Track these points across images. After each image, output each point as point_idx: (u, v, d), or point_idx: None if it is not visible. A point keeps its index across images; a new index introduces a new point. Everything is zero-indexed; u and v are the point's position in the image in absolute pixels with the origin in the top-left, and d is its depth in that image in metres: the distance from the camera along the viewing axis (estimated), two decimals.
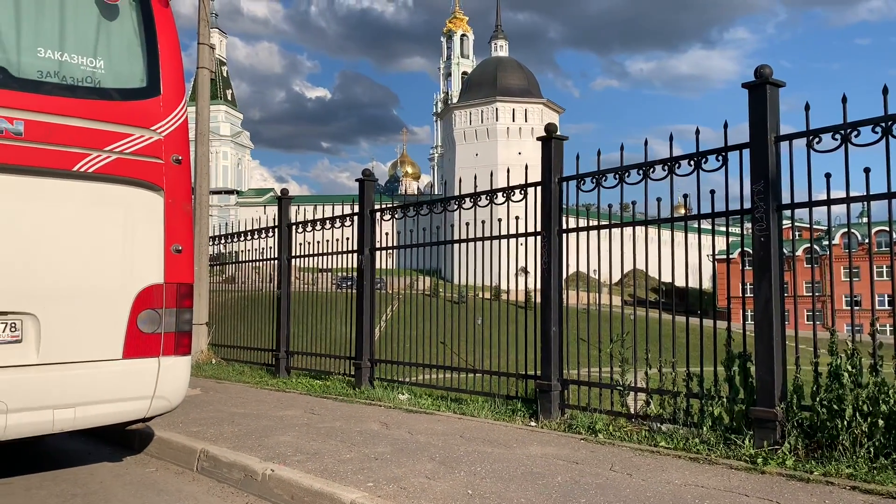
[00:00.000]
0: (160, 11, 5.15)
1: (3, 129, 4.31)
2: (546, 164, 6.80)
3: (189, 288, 5.13)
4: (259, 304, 11.52)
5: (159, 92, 5.02)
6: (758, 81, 5.12)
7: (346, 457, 5.06)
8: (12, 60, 4.50)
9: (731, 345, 5.41)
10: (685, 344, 5.68)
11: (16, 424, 4.28)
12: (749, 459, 4.71)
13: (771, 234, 5.03)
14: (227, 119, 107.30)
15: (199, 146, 11.66)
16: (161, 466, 5.44)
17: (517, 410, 6.76)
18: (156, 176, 4.92)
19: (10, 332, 4.33)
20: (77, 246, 4.61)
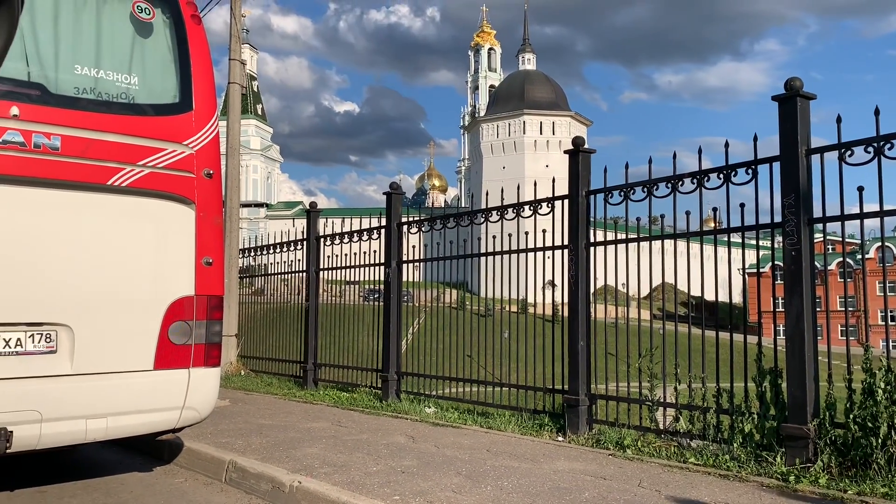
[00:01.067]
0: (193, 28, 5.25)
1: (40, 144, 4.42)
2: (573, 177, 6.78)
3: (219, 300, 5.19)
4: (287, 316, 11.62)
5: (191, 107, 5.11)
6: (788, 94, 5.07)
7: (373, 469, 5.07)
8: (50, 77, 4.62)
9: (761, 360, 5.34)
10: (715, 359, 5.62)
11: (50, 434, 4.36)
12: (781, 477, 4.63)
13: (802, 248, 4.97)
14: (257, 133, 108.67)
15: (230, 160, 11.83)
16: (190, 477, 5.49)
17: (544, 425, 6.72)
18: (188, 190, 5.00)
19: (45, 343, 4.42)
20: (111, 258, 4.69)
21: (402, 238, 9.10)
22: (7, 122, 4.30)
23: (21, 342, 4.33)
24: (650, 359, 6.07)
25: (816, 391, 4.92)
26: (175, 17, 5.20)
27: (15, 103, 4.34)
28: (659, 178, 6.09)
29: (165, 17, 5.18)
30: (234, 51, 12.07)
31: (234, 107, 12.05)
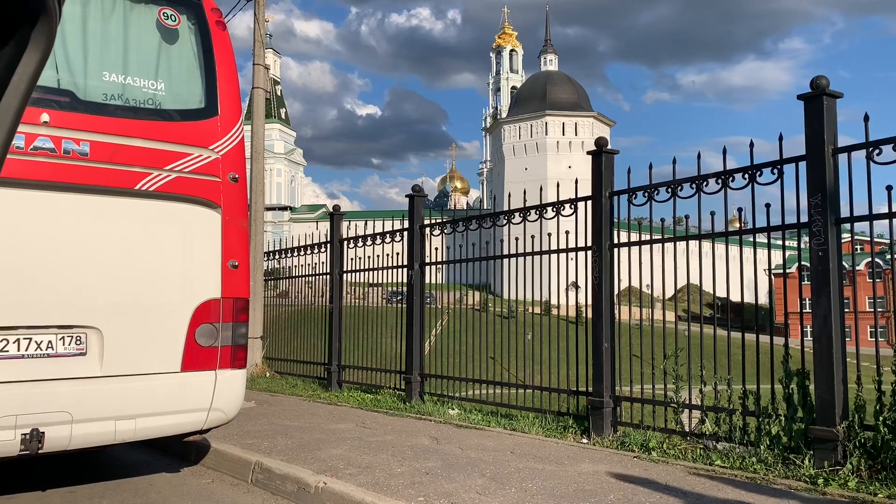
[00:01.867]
0: (218, 34, 5.32)
1: (70, 150, 4.50)
2: (596, 178, 6.76)
3: (245, 302, 5.24)
4: (311, 318, 11.70)
5: (217, 112, 5.17)
6: (814, 93, 5.02)
7: (398, 471, 5.09)
8: (79, 84, 4.70)
9: (788, 362, 5.28)
10: (741, 361, 5.56)
11: (81, 435, 4.43)
12: (809, 480, 4.58)
13: (829, 248, 4.91)
14: (280, 137, 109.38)
15: (255, 164, 11.93)
16: (217, 478, 5.55)
17: (568, 427, 6.70)
18: (214, 193, 5.06)
19: (75, 346, 4.50)
20: (138, 262, 4.76)
21: (424, 240, 9.13)
22: (38, 129, 4.38)
23: (52, 345, 4.41)
24: (675, 360, 6.03)
25: (845, 393, 4.86)
26: (200, 24, 5.27)
27: (45, 110, 4.42)
28: (683, 179, 6.05)
29: (191, 23, 5.25)
30: (258, 56, 12.18)
31: (258, 111, 12.15)
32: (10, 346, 4.28)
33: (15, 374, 4.26)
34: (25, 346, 4.33)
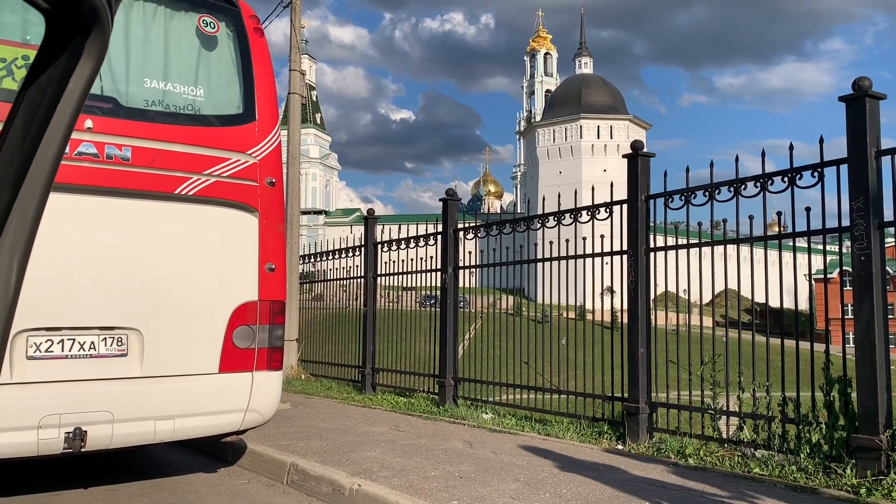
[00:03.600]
0: (255, 41, 5.40)
1: (112, 155, 4.60)
2: (632, 181, 6.71)
3: (281, 305, 5.30)
4: (346, 321, 11.78)
5: (255, 118, 5.25)
6: (856, 94, 4.92)
7: (431, 474, 5.10)
8: (121, 91, 4.81)
9: (829, 368, 5.18)
10: (780, 367, 5.47)
11: (121, 434, 4.52)
12: (851, 490, 4.48)
13: (872, 253, 4.81)
14: (316, 142, 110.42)
15: (291, 168, 12.07)
16: (253, 479, 5.62)
17: (603, 433, 6.65)
18: (251, 198, 5.13)
19: (116, 347, 4.59)
20: (178, 264, 4.85)
21: (458, 244, 9.14)
22: (81, 135, 4.49)
23: (94, 345, 4.51)
24: (713, 367, 5.95)
25: (889, 401, 4.74)
26: (238, 31, 5.35)
27: (89, 116, 4.53)
28: (721, 182, 5.97)
29: (229, 30, 5.33)
30: (294, 62, 12.32)
31: (294, 116, 12.29)
32: (55, 346, 4.39)
33: (59, 374, 4.37)
34: (69, 346, 4.43)
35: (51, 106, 0.77)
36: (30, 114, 0.77)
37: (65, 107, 0.77)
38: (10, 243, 0.76)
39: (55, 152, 0.79)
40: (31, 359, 4.30)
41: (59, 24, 0.77)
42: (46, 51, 0.78)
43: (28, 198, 0.76)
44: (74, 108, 0.79)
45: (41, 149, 0.77)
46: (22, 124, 0.77)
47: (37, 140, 0.77)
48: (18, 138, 0.77)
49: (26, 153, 0.77)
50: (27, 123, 0.77)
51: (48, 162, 0.78)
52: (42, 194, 0.79)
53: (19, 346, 4.25)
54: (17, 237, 0.76)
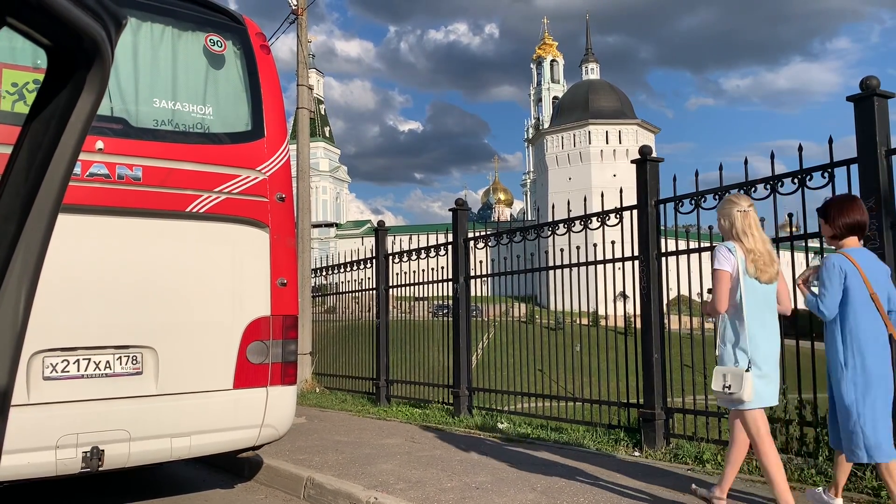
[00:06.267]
0: (262, 58, 5.44)
1: (123, 175, 4.64)
2: (641, 186, 6.69)
3: (294, 319, 5.32)
4: (359, 333, 11.79)
5: (263, 134, 5.28)
6: (864, 93, 4.90)
7: (448, 485, 5.08)
8: (131, 111, 4.86)
9: None
10: (796, 369, 5.43)
11: (138, 452, 4.54)
12: (872, 492, 4.44)
13: (885, 253, 4.77)
14: (325, 155, 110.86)
15: (301, 183, 12.13)
16: (270, 494, 5.62)
17: (620, 440, 6.61)
18: (262, 214, 5.16)
19: (131, 365, 4.62)
20: (191, 282, 4.88)
21: (469, 253, 9.14)
22: (92, 156, 4.53)
23: (110, 364, 4.54)
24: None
25: None
26: (245, 49, 5.40)
27: (100, 138, 4.57)
28: (731, 185, 5.95)
29: (236, 48, 5.38)
30: (302, 77, 12.40)
31: (303, 131, 12.37)
32: (71, 366, 4.42)
33: (75, 394, 4.40)
34: (85, 366, 4.46)
35: (54, 138, 0.79)
36: (34, 146, 0.78)
37: (68, 139, 0.79)
38: (17, 273, 0.77)
39: (60, 183, 0.80)
40: (48, 379, 4.33)
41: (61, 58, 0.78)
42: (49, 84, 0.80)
43: (34, 228, 0.78)
44: (77, 140, 0.81)
45: (46, 180, 0.79)
46: (26, 156, 0.78)
47: (41, 172, 0.79)
48: (23, 170, 0.78)
49: (31, 185, 0.78)
50: (31, 155, 0.78)
51: (53, 193, 0.80)
52: (48, 224, 0.80)
53: (36, 367, 4.29)
54: (24, 267, 0.78)
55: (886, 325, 3.94)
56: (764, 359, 4.00)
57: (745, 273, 4.05)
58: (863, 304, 3.93)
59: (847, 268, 3.98)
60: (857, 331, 3.92)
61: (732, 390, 3.94)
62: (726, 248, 4.13)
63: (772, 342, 4.08)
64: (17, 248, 0.76)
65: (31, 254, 0.78)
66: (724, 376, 4.01)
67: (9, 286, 0.75)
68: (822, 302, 4.01)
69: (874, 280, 3.97)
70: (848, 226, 4.11)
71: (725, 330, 4.12)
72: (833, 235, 4.19)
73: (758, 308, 4.05)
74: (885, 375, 3.90)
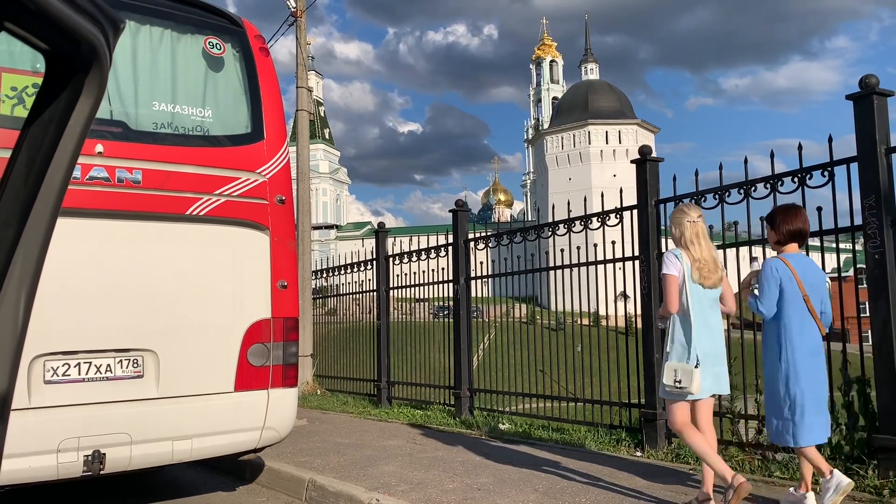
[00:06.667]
0: (261, 61, 5.44)
1: (123, 178, 4.64)
2: (641, 186, 6.70)
3: (295, 322, 5.32)
4: (360, 334, 11.79)
5: (263, 136, 5.28)
6: (863, 92, 4.90)
7: (449, 487, 5.08)
8: (130, 114, 4.86)
9: (847, 369, 5.13)
10: None
11: (139, 455, 4.54)
12: (874, 491, 4.43)
13: (886, 251, 4.77)
14: (325, 157, 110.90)
15: (301, 185, 12.14)
16: (272, 496, 5.62)
17: (621, 440, 6.60)
18: (262, 216, 5.16)
19: (132, 368, 4.62)
20: (191, 285, 4.88)
21: (469, 254, 9.14)
22: (92, 160, 4.53)
23: (111, 368, 4.54)
24: (730, 369, 5.90)
25: None
26: (244, 51, 5.40)
27: (99, 141, 4.57)
28: (731, 185, 5.95)
29: (235, 51, 5.38)
30: (301, 79, 12.41)
31: (302, 133, 12.37)
32: (72, 370, 4.42)
33: (76, 398, 4.40)
34: (86, 369, 4.46)
35: (53, 142, 0.79)
36: (32, 150, 0.78)
37: (66, 143, 0.79)
38: (17, 277, 0.77)
39: (59, 187, 0.80)
40: (49, 383, 4.33)
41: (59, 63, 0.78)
42: (47, 89, 0.80)
43: (33, 232, 0.78)
44: (76, 144, 0.81)
45: (45, 184, 0.79)
46: (25, 161, 0.78)
47: (40, 176, 0.79)
48: (22, 175, 0.78)
49: (30, 189, 0.78)
50: (30, 160, 0.78)
51: (52, 197, 0.80)
52: (47, 228, 0.80)
53: (36, 371, 4.28)
54: (23, 271, 0.77)
55: (818, 326, 4.30)
56: (705, 356, 4.31)
57: (690, 278, 4.39)
58: (795, 305, 4.27)
59: (782, 271, 4.32)
60: (790, 329, 4.26)
61: (683, 384, 4.25)
62: (673, 255, 4.48)
63: (714, 340, 4.41)
64: (16, 252, 0.76)
65: (30, 258, 0.78)
66: (675, 371, 4.30)
67: (8, 290, 0.75)
68: (761, 303, 4.36)
69: (808, 283, 4.30)
70: (790, 233, 4.45)
71: (675, 330, 4.42)
72: (777, 241, 4.52)
73: (702, 310, 4.39)
74: (813, 369, 4.24)
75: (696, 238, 4.46)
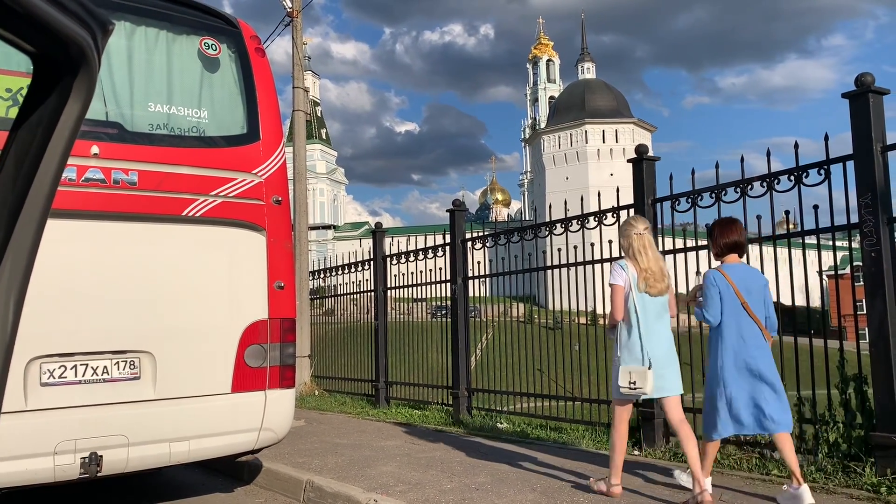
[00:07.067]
0: (257, 61, 5.43)
1: (119, 180, 4.63)
2: (638, 185, 6.70)
3: (292, 322, 5.31)
4: (358, 335, 11.78)
5: (259, 137, 5.27)
6: (859, 90, 4.91)
7: (447, 487, 5.08)
8: (126, 115, 4.85)
9: (844, 366, 5.14)
10: (794, 366, 5.43)
11: (137, 457, 4.53)
12: (871, 489, 4.44)
13: (882, 249, 4.78)
14: (322, 157, 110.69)
15: (297, 185, 12.12)
16: (270, 497, 5.61)
17: None
18: (258, 217, 5.15)
19: (129, 370, 4.61)
20: (188, 286, 4.87)
21: (466, 254, 9.14)
22: (88, 161, 4.52)
23: (107, 370, 4.53)
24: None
25: None
26: (240, 52, 5.39)
27: (95, 142, 4.56)
28: (727, 183, 5.96)
29: (231, 51, 5.37)
30: (297, 79, 12.39)
31: (299, 133, 12.36)
32: (68, 372, 4.41)
33: (73, 400, 4.39)
34: (82, 371, 4.45)
35: (41, 146, 0.78)
36: (20, 154, 0.78)
37: (55, 146, 0.78)
38: (6, 282, 0.76)
39: (48, 191, 0.80)
40: (46, 385, 4.32)
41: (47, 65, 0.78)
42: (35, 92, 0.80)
43: (22, 236, 0.77)
44: (65, 147, 0.80)
45: (34, 188, 0.78)
46: (13, 164, 0.78)
47: (29, 179, 0.78)
48: (10, 178, 0.78)
49: (19, 193, 0.78)
50: (18, 163, 0.78)
51: (41, 200, 0.79)
52: (36, 232, 0.80)
53: (33, 373, 4.27)
54: (12, 275, 0.77)
55: (760, 329, 4.52)
56: (655, 358, 4.57)
57: (636, 287, 4.65)
58: (733, 311, 4.54)
59: (720, 281, 4.59)
60: (728, 334, 4.53)
61: (638, 385, 4.53)
62: (619, 266, 4.77)
63: (661, 344, 4.66)
64: (5, 256, 0.76)
65: (19, 262, 0.77)
66: (630, 374, 4.57)
67: None
68: (707, 311, 4.62)
69: (746, 290, 4.56)
70: (727, 245, 4.74)
71: (625, 336, 4.69)
72: (716, 253, 4.83)
73: (649, 316, 4.65)
74: (748, 370, 4.46)
75: (643, 249, 4.72)
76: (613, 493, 4.61)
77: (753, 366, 4.45)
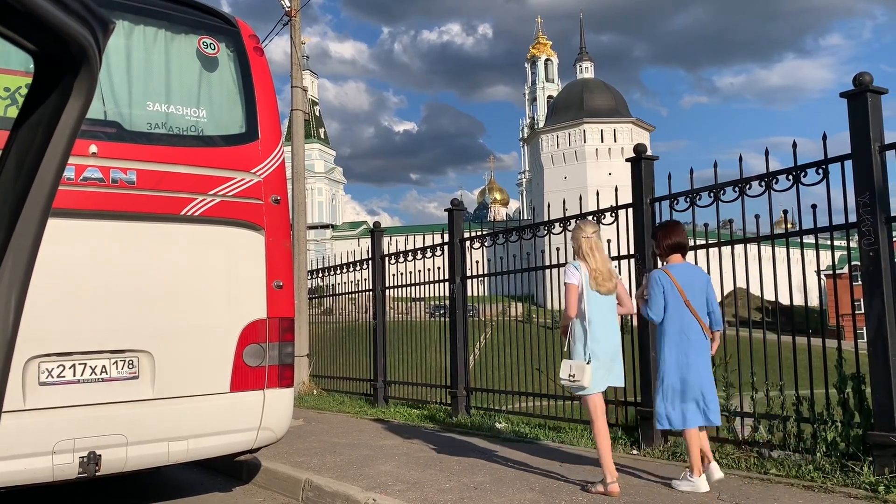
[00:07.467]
0: (256, 61, 5.43)
1: (118, 179, 4.63)
2: (636, 185, 6.70)
3: (290, 322, 5.31)
4: (356, 334, 11.78)
5: (257, 136, 5.27)
6: (857, 90, 4.91)
7: (446, 486, 5.08)
8: (125, 115, 4.84)
9: (842, 365, 5.15)
10: (793, 365, 5.44)
11: (135, 456, 4.53)
12: (869, 488, 4.44)
13: (881, 248, 4.78)
14: (320, 156, 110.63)
15: (296, 184, 12.11)
16: (268, 497, 5.61)
17: (618, 438, 6.60)
18: (257, 216, 5.15)
19: (128, 369, 4.61)
20: (186, 285, 4.86)
21: (465, 254, 9.14)
22: (86, 160, 4.52)
23: (106, 369, 4.53)
24: (725, 367, 5.91)
25: None
26: (238, 51, 5.39)
27: (93, 142, 4.56)
28: (725, 183, 5.96)
29: (229, 51, 5.37)
30: (296, 78, 12.39)
31: (297, 132, 12.35)
32: (67, 371, 4.40)
33: (72, 399, 4.38)
34: (81, 371, 4.45)
35: (42, 144, 0.78)
36: (21, 153, 0.78)
37: (56, 145, 0.78)
38: (7, 280, 0.77)
39: (48, 190, 0.80)
40: (44, 385, 4.31)
41: (48, 64, 0.78)
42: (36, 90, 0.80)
43: (23, 235, 0.77)
44: (66, 146, 0.80)
45: (35, 187, 0.78)
46: (14, 163, 0.78)
47: (30, 178, 0.78)
48: (11, 177, 0.78)
49: (20, 192, 0.78)
50: (19, 162, 0.78)
51: (42, 199, 0.79)
52: (37, 231, 0.80)
53: (31, 373, 4.27)
54: (13, 274, 0.77)
55: (702, 326, 4.85)
56: (604, 352, 4.89)
57: (587, 286, 4.95)
58: (676, 309, 4.88)
59: (664, 281, 4.92)
60: (671, 330, 4.88)
61: (576, 378, 4.82)
62: (573, 266, 5.06)
63: (610, 339, 4.97)
64: (6, 255, 0.76)
65: (20, 261, 0.77)
66: (570, 367, 4.90)
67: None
68: (650, 309, 4.96)
69: (689, 288, 4.89)
70: (669, 246, 5.09)
71: (575, 331, 4.99)
72: (660, 255, 5.19)
73: (600, 313, 4.95)
74: (691, 365, 4.80)
75: (591, 251, 5.05)
76: (611, 491, 4.63)
77: (693, 360, 4.79)
